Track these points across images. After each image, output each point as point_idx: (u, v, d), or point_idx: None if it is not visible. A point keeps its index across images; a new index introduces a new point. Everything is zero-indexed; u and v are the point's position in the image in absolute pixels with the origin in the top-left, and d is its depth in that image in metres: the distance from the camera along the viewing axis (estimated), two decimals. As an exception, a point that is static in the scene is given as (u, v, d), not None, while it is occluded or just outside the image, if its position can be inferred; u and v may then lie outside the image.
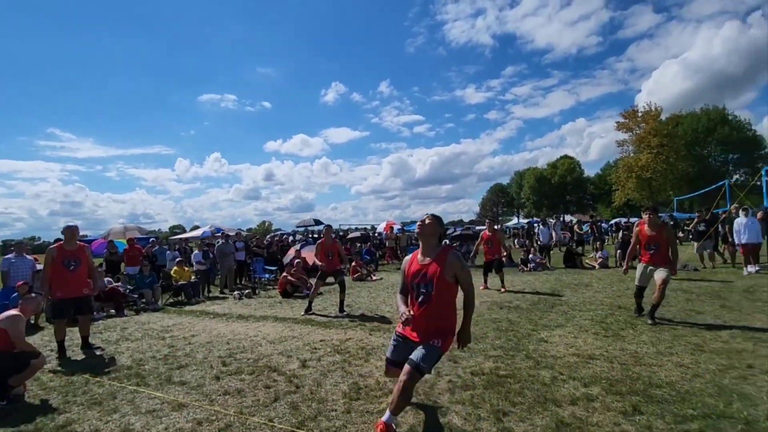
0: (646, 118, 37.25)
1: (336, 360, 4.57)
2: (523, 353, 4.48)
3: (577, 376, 3.73)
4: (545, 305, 7.08)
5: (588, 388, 3.47)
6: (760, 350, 4.22)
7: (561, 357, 4.31)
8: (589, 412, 3.02)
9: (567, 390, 3.45)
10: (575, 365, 4.04)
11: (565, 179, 55.44)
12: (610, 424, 2.83)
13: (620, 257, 12.36)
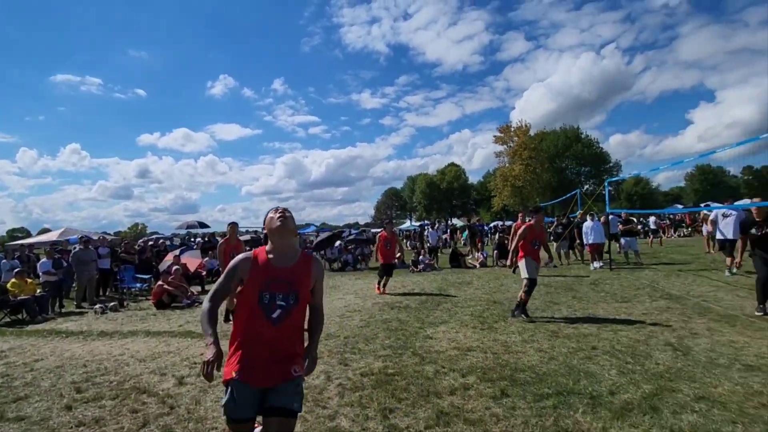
0: (518, 133, 42.45)
1: (218, 374, 4.23)
2: (410, 351, 4.69)
3: (456, 368, 4.02)
4: (432, 303, 7.53)
5: (465, 378, 3.77)
6: (602, 333, 5.04)
7: (444, 351, 4.61)
8: (465, 400, 3.28)
9: (447, 382, 3.70)
10: (455, 358, 4.36)
11: (453, 185, 60.29)
12: (482, 409, 3.11)
13: (497, 257, 13.79)
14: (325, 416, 3.14)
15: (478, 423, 2.91)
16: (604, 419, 2.88)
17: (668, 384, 3.43)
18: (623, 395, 3.25)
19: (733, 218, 9.36)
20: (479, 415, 3.03)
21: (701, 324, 5.23)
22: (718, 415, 2.85)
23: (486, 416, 3.00)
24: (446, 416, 3.02)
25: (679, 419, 2.82)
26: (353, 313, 7.06)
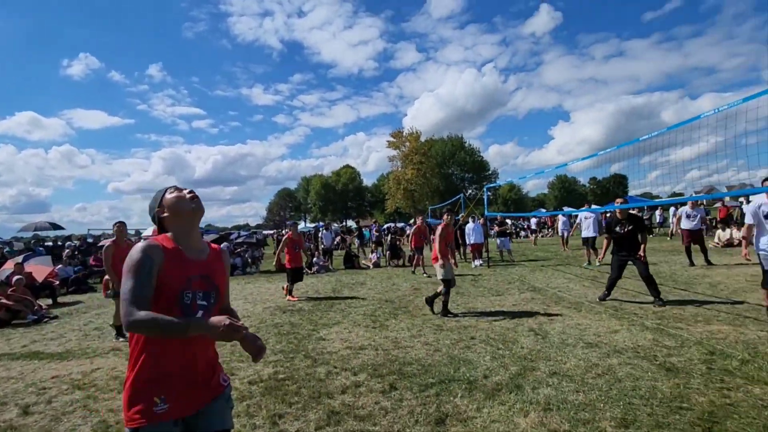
0: (410, 139, 44.77)
1: (75, 398, 3.66)
2: (302, 354, 4.62)
3: (348, 367, 4.08)
4: (326, 305, 7.52)
5: (357, 376, 3.85)
6: (480, 324, 5.57)
7: (336, 352, 4.64)
8: (356, 398, 3.35)
9: (339, 381, 3.73)
10: (348, 357, 4.41)
11: (348, 187, 60.96)
12: (372, 404, 3.21)
13: (390, 257, 14.33)
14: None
15: (367, 418, 2.99)
16: (479, 400, 3.20)
17: (530, 364, 3.94)
18: (495, 377, 3.65)
19: (592, 219, 11.65)
20: (369, 410, 3.12)
21: (556, 311, 6.11)
22: (566, 387, 3.37)
23: (375, 411, 3.10)
24: (337, 415, 3.04)
25: (537, 393, 3.27)
26: (242, 319, 6.69)
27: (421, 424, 2.88)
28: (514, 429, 2.75)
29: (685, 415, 2.82)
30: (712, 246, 14.24)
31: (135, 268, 1.52)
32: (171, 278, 1.57)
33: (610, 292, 6.69)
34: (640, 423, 2.74)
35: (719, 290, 6.90)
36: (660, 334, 4.67)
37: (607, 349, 4.27)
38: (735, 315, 5.31)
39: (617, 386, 3.34)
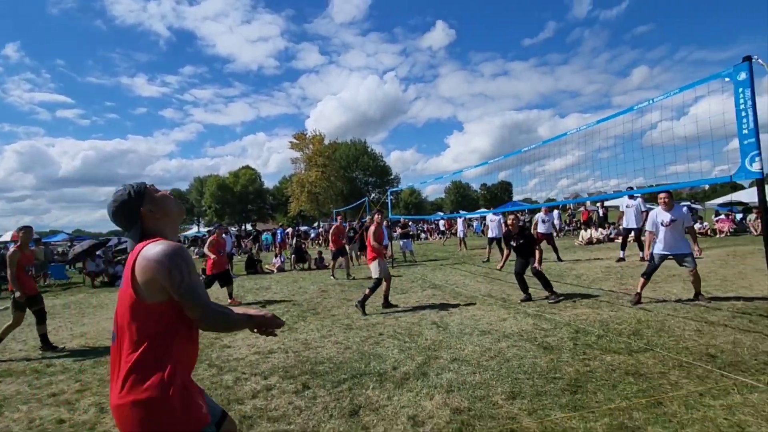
0: (313, 141, 44.32)
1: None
2: (205, 363, 4.37)
3: (258, 372, 3.98)
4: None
5: (267, 379, 3.78)
6: (387, 321, 5.82)
7: (243, 358, 4.48)
8: (268, 401, 3.30)
9: (249, 386, 3.63)
10: (256, 362, 4.30)
11: (247, 189, 57.75)
12: (285, 405, 3.20)
13: (295, 261, 14.07)
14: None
15: (281, 418, 2.98)
16: (389, 390, 3.39)
17: (434, 353, 4.27)
18: (403, 368, 3.89)
19: (497, 222, 12.93)
20: (283, 411, 3.10)
21: (455, 305, 6.66)
22: (465, 370, 3.74)
23: (289, 410, 3.10)
24: (249, 419, 2.98)
25: (440, 378, 3.57)
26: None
27: (336, 417, 2.96)
28: (422, 411, 2.99)
29: (558, 383, 3.34)
30: (576, 244, 16.72)
31: (194, 265, 1.47)
32: None
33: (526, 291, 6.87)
34: (524, 393, 3.18)
35: (582, 280, 8.17)
36: (539, 320, 5.39)
37: (498, 335, 4.81)
38: (593, 300, 6.36)
39: (506, 365, 3.80)
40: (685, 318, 5.04)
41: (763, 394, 2.94)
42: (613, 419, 2.70)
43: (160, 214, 1.57)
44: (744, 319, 4.83)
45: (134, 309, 1.42)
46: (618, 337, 4.45)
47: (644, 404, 2.89)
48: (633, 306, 5.77)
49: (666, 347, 4.04)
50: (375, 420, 2.90)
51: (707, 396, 2.95)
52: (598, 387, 3.22)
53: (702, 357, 3.73)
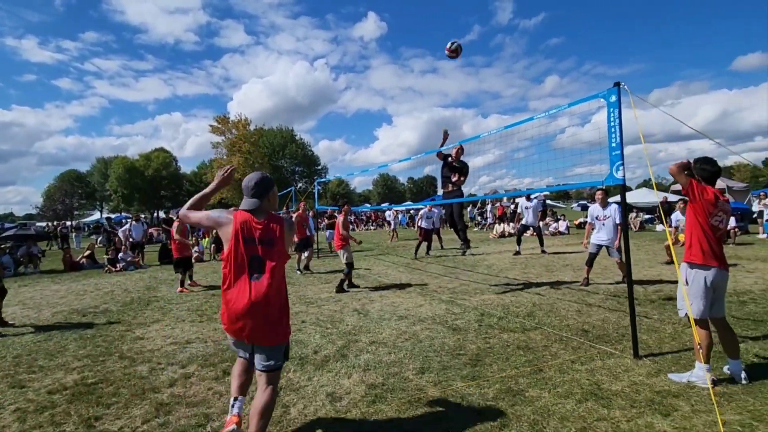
0: (237, 125, 42.16)
1: None
2: (116, 355, 4.18)
3: (175, 362, 3.92)
4: (140, 304, 6.76)
5: (185, 368, 3.75)
6: (310, 310, 5.95)
7: (159, 349, 4.35)
8: (186, 388, 3.30)
9: (166, 376, 3.57)
10: (173, 353, 4.21)
11: (161, 173, 53.10)
12: (205, 391, 3.23)
13: (214, 251, 13.51)
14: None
15: (201, 403, 3.02)
16: (309, 372, 3.57)
17: (353, 338, 4.52)
18: (323, 352, 4.08)
19: (436, 214, 13.63)
20: (202, 396, 3.14)
21: (375, 293, 6.99)
22: (382, 351, 4.05)
23: (209, 396, 3.15)
24: (166, 406, 2.97)
25: (358, 359, 3.83)
26: (24, 327, 5.51)
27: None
28: (340, 389, 3.22)
29: (461, 358, 3.77)
30: (491, 237, 18.12)
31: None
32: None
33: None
34: (432, 369, 3.55)
35: (492, 270, 8.99)
36: (451, 305, 5.91)
37: (414, 319, 5.21)
38: (499, 286, 7.09)
39: (419, 346, 4.18)
40: (570, 301, 5.87)
41: (617, 359, 3.62)
42: (502, 385, 3.16)
43: (274, 199, 2.53)
44: (614, 301, 5.76)
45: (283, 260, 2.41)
46: (515, 318, 5.07)
47: (529, 372, 3.40)
48: (582, 287, 6.76)
49: (552, 325, 4.71)
50: (295, 399, 3.07)
51: (577, 363, 3.56)
52: (494, 360, 3.71)
53: (578, 332, 4.43)
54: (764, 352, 3.63)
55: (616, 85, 3.65)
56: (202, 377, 3.52)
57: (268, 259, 2.31)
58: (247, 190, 2.42)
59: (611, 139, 3.67)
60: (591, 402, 2.85)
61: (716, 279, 3.06)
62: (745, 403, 2.78)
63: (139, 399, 3.12)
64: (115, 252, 11.96)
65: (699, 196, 3.09)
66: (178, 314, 5.93)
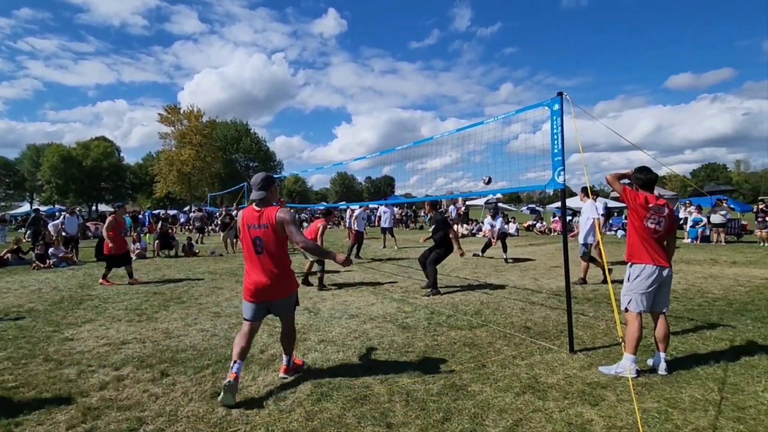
0: (189, 116, 40.24)
1: None
2: (40, 357, 3.85)
3: (107, 364, 3.68)
4: (71, 303, 6.28)
5: (119, 370, 3.52)
6: (255, 307, 5.79)
7: (90, 350, 4.06)
8: (119, 391, 3.11)
9: (97, 378, 3.35)
10: (106, 354, 3.95)
11: (101, 163, 49.46)
12: (139, 393, 3.06)
13: (158, 247, 12.83)
14: None
15: (134, 407, 2.85)
16: (254, 372, 3.48)
17: (303, 336, 4.46)
18: (270, 351, 3.99)
19: (389, 213, 14.43)
20: (136, 399, 2.97)
21: (327, 292, 6.93)
22: (330, 350, 4.02)
23: (144, 398, 2.98)
24: (95, 411, 2.78)
25: (306, 358, 3.78)
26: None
27: (196, 401, 2.95)
28: (285, 388, 3.16)
29: (409, 355, 3.83)
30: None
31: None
32: None
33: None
34: (380, 366, 3.58)
35: (444, 269, 9.17)
36: (402, 304, 5.97)
37: (365, 317, 5.22)
38: (450, 286, 7.26)
39: (368, 344, 4.19)
40: (516, 300, 6.12)
41: (555, 354, 3.82)
42: (447, 380, 3.25)
43: (275, 192, 3.28)
44: (555, 300, 6.08)
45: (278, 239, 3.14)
46: (463, 316, 5.21)
47: (473, 367, 3.52)
48: (579, 285, 6.97)
49: (497, 323, 4.90)
50: (237, 399, 2.97)
51: (518, 358, 3.72)
52: (441, 357, 3.79)
53: (521, 329, 4.63)
54: (682, 346, 3.97)
55: (559, 94, 3.86)
56: (137, 379, 3.33)
57: (265, 239, 3.11)
58: (255, 185, 3.21)
59: (553, 145, 3.87)
60: (528, 395, 2.99)
61: (654, 275, 3.30)
62: (662, 392, 3.03)
63: (65, 404, 2.89)
64: (45, 247, 11.03)
65: (632, 201, 3.36)
66: (114, 313, 5.57)
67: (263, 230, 3.09)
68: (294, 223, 3.12)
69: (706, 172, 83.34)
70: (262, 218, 3.10)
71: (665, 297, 3.40)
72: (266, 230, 3.09)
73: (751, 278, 7.49)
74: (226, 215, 14.80)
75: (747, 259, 9.99)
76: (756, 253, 11.26)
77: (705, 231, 14.67)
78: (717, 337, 4.23)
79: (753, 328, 4.54)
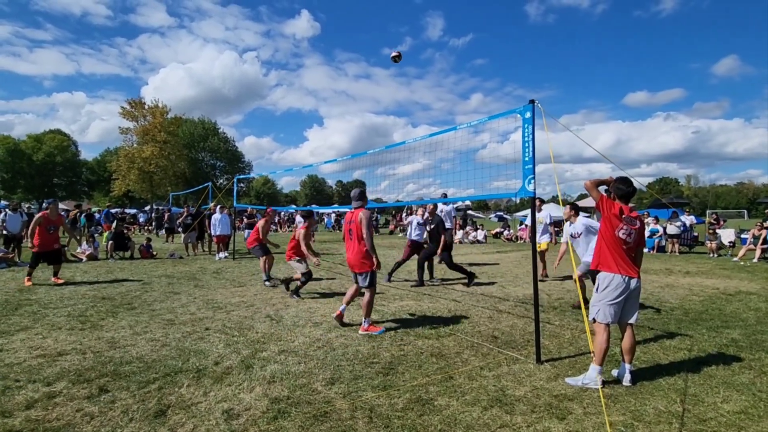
0: (153, 112, 38.51)
1: None
2: (-41, 372, 3.42)
3: (39, 378, 3.30)
4: (6, 308, 5.73)
5: (51, 386, 3.17)
6: (217, 315, 5.47)
7: (19, 363, 3.66)
8: (48, 410, 2.77)
9: (23, 396, 2.98)
10: (38, 367, 3.56)
11: (55, 158, 46.59)
12: (72, 413, 2.73)
13: (112, 248, 12.06)
14: None
15: (63, 429, 2.54)
16: (206, 386, 3.21)
17: (262, 346, 4.21)
18: (226, 363, 3.72)
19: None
20: (68, 419, 2.64)
21: (292, 298, 6.65)
22: (291, 360, 3.80)
23: (77, 418, 2.66)
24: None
25: (264, 370, 3.54)
26: None
27: (137, 420, 2.66)
28: (239, 404, 2.92)
29: (374, 367, 3.66)
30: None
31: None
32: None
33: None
34: (343, 379, 3.39)
35: (412, 275, 9.09)
36: (368, 310, 5.80)
37: (329, 326, 5.01)
38: (418, 293, 7.16)
39: (332, 354, 3.99)
40: (483, 307, 6.09)
41: (522, 364, 3.76)
42: (413, 394, 3.10)
43: (365, 200, 5.13)
44: (522, 308, 6.08)
45: (360, 231, 4.81)
46: (431, 324, 5.10)
47: (440, 379, 3.39)
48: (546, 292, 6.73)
49: (465, 332, 4.81)
50: (184, 418, 2.71)
51: (485, 369, 3.64)
52: (407, 368, 3.65)
53: (488, 338, 4.57)
54: (644, 356, 4.01)
55: (531, 102, 3.83)
56: (71, 396, 2.99)
57: (355, 233, 4.84)
58: (353, 198, 5.08)
59: (525, 153, 3.84)
60: (496, 409, 2.89)
61: (622, 286, 3.28)
62: (627, 403, 3.00)
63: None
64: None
65: (607, 210, 3.35)
66: (54, 321, 5.10)
67: (354, 226, 4.86)
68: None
69: (660, 185, 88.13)
70: (352, 218, 4.92)
71: (633, 308, 3.40)
72: (354, 226, 4.87)
73: (704, 288, 7.81)
74: (187, 215, 14.16)
75: (699, 269, 10.47)
76: (706, 263, 11.84)
77: (661, 241, 15.34)
78: (676, 347, 4.31)
79: (708, 337, 4.66)
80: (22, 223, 11.35)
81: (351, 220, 4.91)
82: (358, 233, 4.79)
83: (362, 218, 4.80)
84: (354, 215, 4.90)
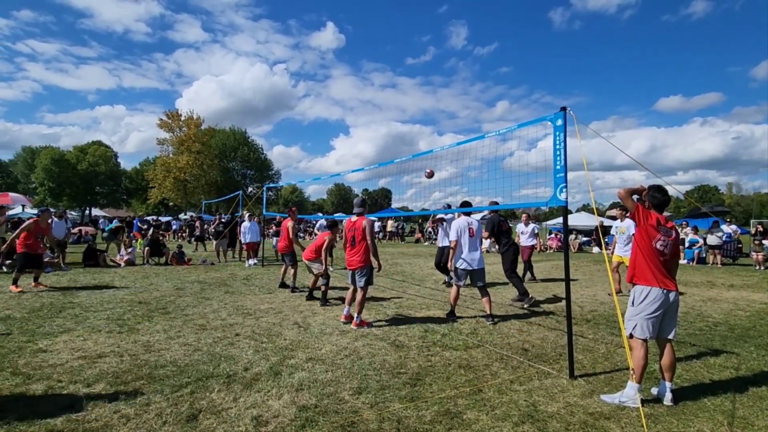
0: (189, 123, 40.14)
1: None
2: (8, 371, 3.61)
3: (79, 380, 3.45)
4: (50, 311, 6.03)
5: (91, 387, 3.30)
6: (246, 322, 5.58)
7: (62, 364, 3.83)
8: (87, 411, 2.88)
9: (65, 397, 3.11)
10: (79, 369, 3.71)
11: (97, 168, 49.10)
12: (109, 414, 2.83)
13: (149, 254, 12.53)
14: None
15: (102, 429, 2.63)
16: (236, 392, 3.26)
17: (290, 353, 4.25)
18: (255, 369, 3.78)
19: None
20: (105, 421, 2.74)
21: (318, 307, 6.70)
22: (318, 369, 3.81)
23: (114, 420, 2.75)
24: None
25: (292, 378, 3.57)
26: None
27: (170, 423, 2.73)
28: (267, 411, 2.95)
29: (401, 377, 3.63)
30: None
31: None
32: None
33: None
34: (370, 388, 3.37)
35: (440, 285, 9.00)
36: (395, 320, 5.77)
37: (356, 334, 5.01)
38: (446, 302, 7.06)
39: (359, 363, 3.98)
40: (513, 319, 5.94)
41: (554, 379, 3.64)
42: (441, 407, 3.05)
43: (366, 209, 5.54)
44: (553, 320, 5.90)
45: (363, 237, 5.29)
46: (459, 335, 5.02)
47: (468, 392, 3.32)
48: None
49: (494, 343, 4.71)
50: (215, 423, 2.76)
51: (516, 383, 3.53)
52: (435, 379, 3.60)
53: (518, 351, 4.44)
54: (686, 374, 3.80)
55: (562, 109, 3.75)
56: (109, 398, 3.10)
57: (358, 238, 5.23)
58: (356, 206, 5.47)
59: (556, 161, 3.75)
60: (528, 425, 2.80)
61: (660, 300, 3.13)
62: (669, 424, 2.85)
63: (27, 425, 2.67)
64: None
65: (643, 221, 3.21)
66: (94, 323, 5.33)
67: (356, 233, 5.32)
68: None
69: (699, 193, 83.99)
70: (354, 225, 5.35)
71: (672, 322, 3.23)
72: (357, 233, 5.29)
73: (751, 302, 7.36)
74: (218, 223, 14.57)
75: (744, 283, 9.88)
76: (752, 276, 11.17)
77: (701, 252, 14.59)
78: (721, 365, 4.06)
79: (757, 356, 4.38)
80: (67, 230, 11.99)
81: (353, 227, 5.25)
82: (360, 239, 5.24)
83: (366, 226, 5.21)
84: (356, 223, 5.24)
